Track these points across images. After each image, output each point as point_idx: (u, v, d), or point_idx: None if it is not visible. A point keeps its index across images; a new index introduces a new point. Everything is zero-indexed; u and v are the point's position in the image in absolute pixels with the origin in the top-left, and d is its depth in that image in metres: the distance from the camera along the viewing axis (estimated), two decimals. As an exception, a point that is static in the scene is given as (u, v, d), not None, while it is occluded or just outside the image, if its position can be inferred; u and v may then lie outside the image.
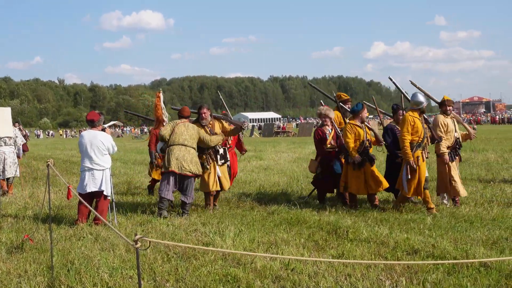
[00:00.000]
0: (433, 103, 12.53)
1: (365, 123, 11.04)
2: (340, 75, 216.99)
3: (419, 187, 10.30)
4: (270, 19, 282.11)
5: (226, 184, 11.34)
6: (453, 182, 10.67)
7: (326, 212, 10.43)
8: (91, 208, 6.56)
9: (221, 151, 11.07)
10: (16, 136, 14.25)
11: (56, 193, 13.74)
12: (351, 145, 10.72)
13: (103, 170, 10.02)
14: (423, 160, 10.37)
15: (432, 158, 11.63)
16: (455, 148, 10.87)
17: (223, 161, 11.14)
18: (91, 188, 9.86)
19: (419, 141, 10.28)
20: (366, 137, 10.81)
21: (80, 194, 9.95)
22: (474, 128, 52.20)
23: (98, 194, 9.95)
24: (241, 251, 7.65)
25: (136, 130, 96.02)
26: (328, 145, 11.36)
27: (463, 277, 6.34)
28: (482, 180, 14.31)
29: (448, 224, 9.11)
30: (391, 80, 12.12)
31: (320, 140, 11.53)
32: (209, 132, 11.03)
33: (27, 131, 29.18)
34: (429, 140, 10.54)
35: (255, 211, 10.84)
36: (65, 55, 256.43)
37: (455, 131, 10.92)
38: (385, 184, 10.82)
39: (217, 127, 11.33)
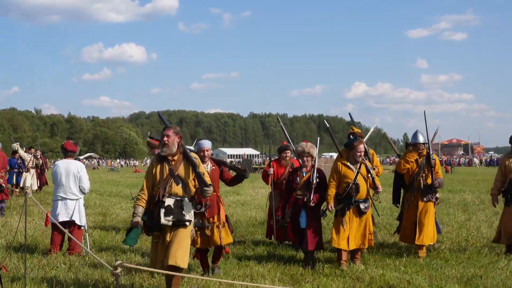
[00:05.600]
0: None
1: (362, 161, 9.02)
2: (321, 114, 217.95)
3: (404, 232, 9.94)
4: (252, 56, 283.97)
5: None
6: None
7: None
8: (69, 235, 6.48)
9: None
10: None
11: (30, 222, 13.54)
12: (329, 190, 8.93)
13: (76, 199, 9.95)
14: (409, 204, 9.82)
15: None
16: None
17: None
18: (63, 217, 9.73)
19: (409, 183, 9.83)
20: (355, 180, 8.83)
21: (51, 224, 9.84)
22: (451, 170, 52.83)
23: (71, 224, 9.82)
24: (218, 279, 7.59)
25: (112, 162, 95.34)
26: (298, 192, 9.10)
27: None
28: (458, 220, 14.41)
29: (423, 261, 9.14)
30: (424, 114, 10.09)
31: (288, 184, 9.43)
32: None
33: (43, 158, 24.46)
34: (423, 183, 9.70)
35: (231, 245, 10.76)
36: (43, 86, 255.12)
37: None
38: (372, 241, 9.24)
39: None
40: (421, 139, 9.81)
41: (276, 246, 10.59)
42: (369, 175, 9.01)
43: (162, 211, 6.69)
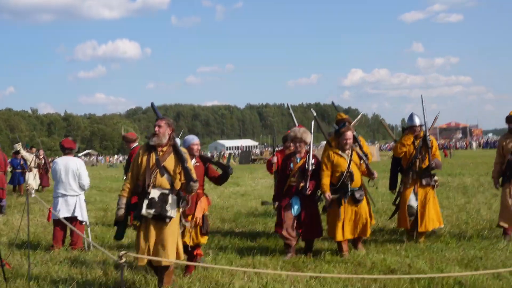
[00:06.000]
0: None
1: (352, 148, 8.90)
2: (317, 102, 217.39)
3: (402, 216, 9.73)
4: (247, 47, 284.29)
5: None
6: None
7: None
8: (73, 228, 6.50)
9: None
10: None
11: (31, 220, 13.58)
12: (324, 179, 8.72)
13: (77, 196, 10.00)
14: (406, 188, 9.69)
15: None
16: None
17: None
18: (64, 213, 9.76)
19: (407, 166, 9.68)
20: (348, 168, 8.68)
21: (53, 220, 9.92)
22: (450, 154, 52.71)
23: (73, 220, 9.86)
24: (222, 266, 7.64)
25: (110, 159, 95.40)
26: (292, 178, 8.81)
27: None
28: (458, 203, 14.47)
29: (424, 245, 9.20)
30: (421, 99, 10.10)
31: (282, 170, 9.09)
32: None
33: (46, 158, 24.27)
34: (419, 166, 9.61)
35: (232, 235, 10.83)
36: (38, 85, 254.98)
37: None
38: (368, 230, 8.91)
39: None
40: (417, 121, 9.69)
41: (278, 235, 10.63)
42: (362, 162, 8.83)
43: (145, 202, 6.56)
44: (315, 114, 10.07)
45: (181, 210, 6.96)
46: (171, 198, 6.66)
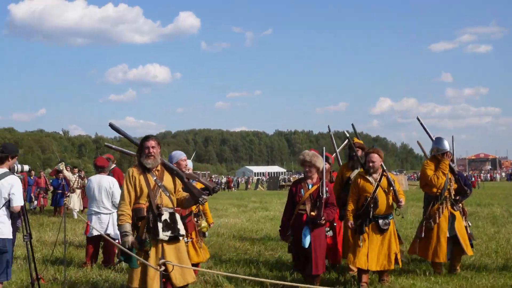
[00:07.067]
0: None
1: (384, 173, 8.32)
2: (346, 130, 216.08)
3: (439, 249, 8.99)
4: (275, 74, 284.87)
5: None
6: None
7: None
8: (119, 245, 6.46)
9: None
10: None
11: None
12: (348, 205, 8.34)
13: (110, 214, 10.21)
14: (439, 217, 9.06)
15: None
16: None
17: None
18: (97, 231, 9.97)
19: (437, 194, 9.16)
20: (373, 194, 8.14)
21: (87, 238, 10.15)
22: (478, 185, 52.02)
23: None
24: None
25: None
26: (301, 206, 8.03)
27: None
28: (487, 232, 14.39)
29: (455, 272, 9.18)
30: (418, 120, 10.10)
31: (291, 197, 8.26)
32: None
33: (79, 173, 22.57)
34: (452, 193, 9.19)
35: (261, 257, 10.93)
36: (69, 107, 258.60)
37: None
38: (394, 262, 8.30)
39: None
40: (447, 145, 9.27)
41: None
42: (391, 188, 8.21)
43: (160, 225, 6.32)
44: (331, 132, 9.85)
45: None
46: (177, 216, 6.56)
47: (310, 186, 8.04)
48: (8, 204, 7.01)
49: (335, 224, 8.94)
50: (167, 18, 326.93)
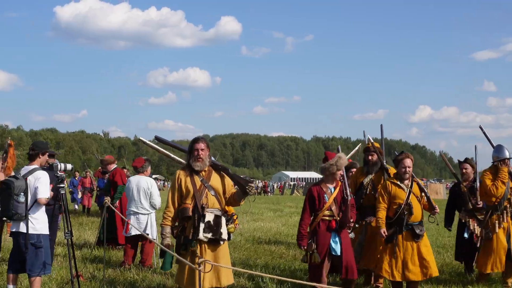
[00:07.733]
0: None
1: (413, 179, 7.97)
2: (384, 138, 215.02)
3: (498, 259, 8.64)
4: (314, 80, 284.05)
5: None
6: None
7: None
8: (161, 245, 6.60)
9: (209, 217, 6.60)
10: None
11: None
12: (379, 213, 7.83)
13: (148, 214, 10.32)
14: (499, 227, 8.70)
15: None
16: None
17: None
18: (135, 231, 10.08)
19: (495, 203, 8.79)
20: (407, 200, 7.74)
21: (125, 237, 10.30)
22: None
23: (144, 237, 10.13)
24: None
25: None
26: (326, 212, 7.48)
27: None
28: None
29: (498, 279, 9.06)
30: (481, 128, 9.63)
31: (311, 202, 7.63)
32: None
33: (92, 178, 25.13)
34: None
35: (297, 261, 10.95)
36: (110, 109, 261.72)
37: None
38: (434, 270, 7.73)
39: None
40: (507, 153, 8.88)
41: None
42: (423, 194, 7.87)
43: (202, 226, 6.39)
44: (370, 138, 9.51)
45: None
46: (223, 220, 6.61)
47: (332, 190, 7.60)
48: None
49: (357, 226, 8.50)
50: (209, 22, 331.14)
